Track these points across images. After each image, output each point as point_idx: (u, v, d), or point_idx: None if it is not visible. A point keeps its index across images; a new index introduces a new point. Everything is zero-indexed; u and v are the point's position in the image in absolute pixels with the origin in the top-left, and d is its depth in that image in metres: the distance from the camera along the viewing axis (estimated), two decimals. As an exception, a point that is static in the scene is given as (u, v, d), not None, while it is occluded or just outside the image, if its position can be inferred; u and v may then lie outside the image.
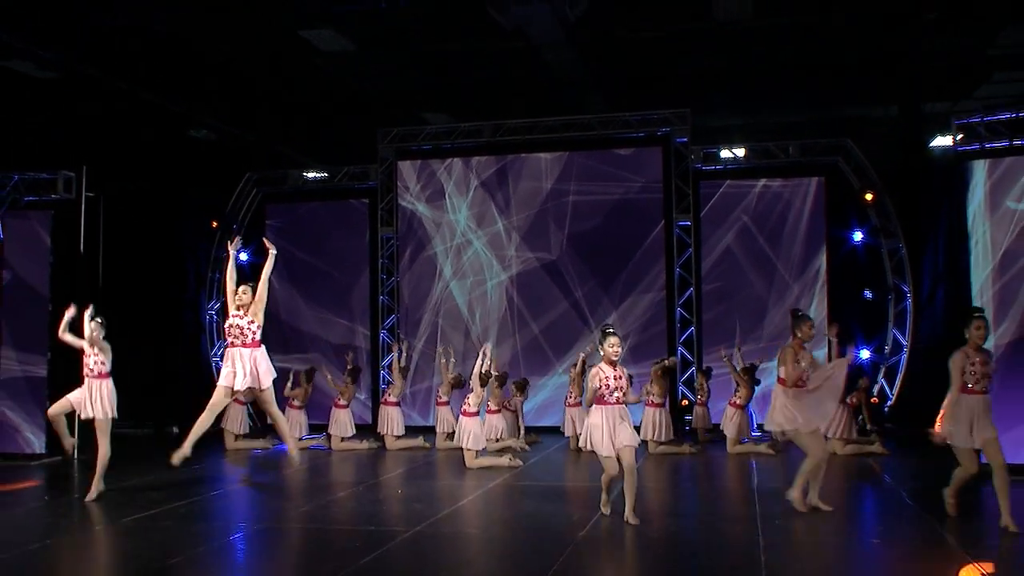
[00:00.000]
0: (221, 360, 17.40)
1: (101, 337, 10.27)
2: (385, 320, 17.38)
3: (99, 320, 10.35)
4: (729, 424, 13.54)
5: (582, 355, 13.90)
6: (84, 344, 10.30)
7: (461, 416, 12.47)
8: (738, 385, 13.64)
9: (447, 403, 14.33)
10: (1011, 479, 8.24)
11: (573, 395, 14.10)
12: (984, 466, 8.55)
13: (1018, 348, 10.99)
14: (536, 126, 16.69)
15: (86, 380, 10.22)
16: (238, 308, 9.70)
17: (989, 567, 6.90)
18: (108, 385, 10.28)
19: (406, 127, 17.27)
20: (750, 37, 14.08)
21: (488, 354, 12.67)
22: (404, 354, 15.18)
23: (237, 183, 17.91)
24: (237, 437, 14.78)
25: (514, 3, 12.54)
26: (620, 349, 8.56)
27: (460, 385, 13.96)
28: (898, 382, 15.20)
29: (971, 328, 8.24)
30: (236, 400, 14.70)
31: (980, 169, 11.45)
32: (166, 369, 17.10)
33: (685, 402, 16.06)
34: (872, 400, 15.28)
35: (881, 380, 15.48)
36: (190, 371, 17.37)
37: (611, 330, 8.70)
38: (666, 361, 13.95)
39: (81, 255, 14.04)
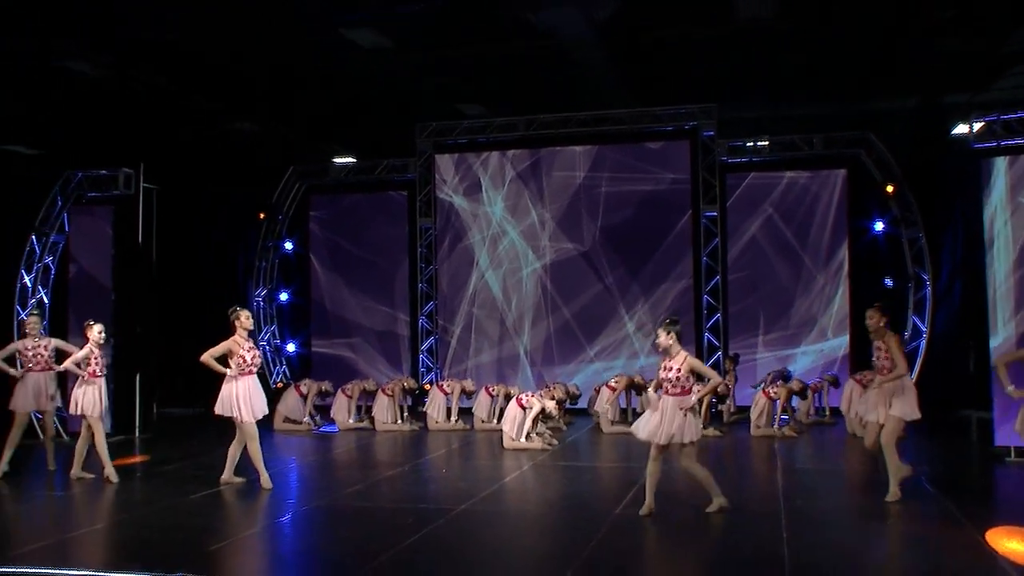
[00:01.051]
0: (268, 346, 17.98)
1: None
2: (424, 307, 17.75)
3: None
4: (754, 409, 13.85)
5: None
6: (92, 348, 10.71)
7: (513, 402, 12.87)
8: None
9: (493, 394, 14.75)
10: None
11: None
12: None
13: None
14: (569, 120, 16.95)
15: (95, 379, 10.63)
16: None
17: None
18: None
19: (443, 121, 17.57)
20: (773, 34, 14.25)
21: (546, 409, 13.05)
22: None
23: (282, 176, 18.32)
24: (286, 419, 15.24)
25: (546, 6, 12.81)
26: (663, 340, 8.42)
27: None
28: (917, 367, 15.36)
29: None
30: (298, 389, 15.30)
31: (1001, 165, 11.60)
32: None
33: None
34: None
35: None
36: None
37: (664, 321, 8.59)
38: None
39: (139, 247, 14.47)
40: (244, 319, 10.19)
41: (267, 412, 10.17)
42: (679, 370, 8.26)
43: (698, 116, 16.48)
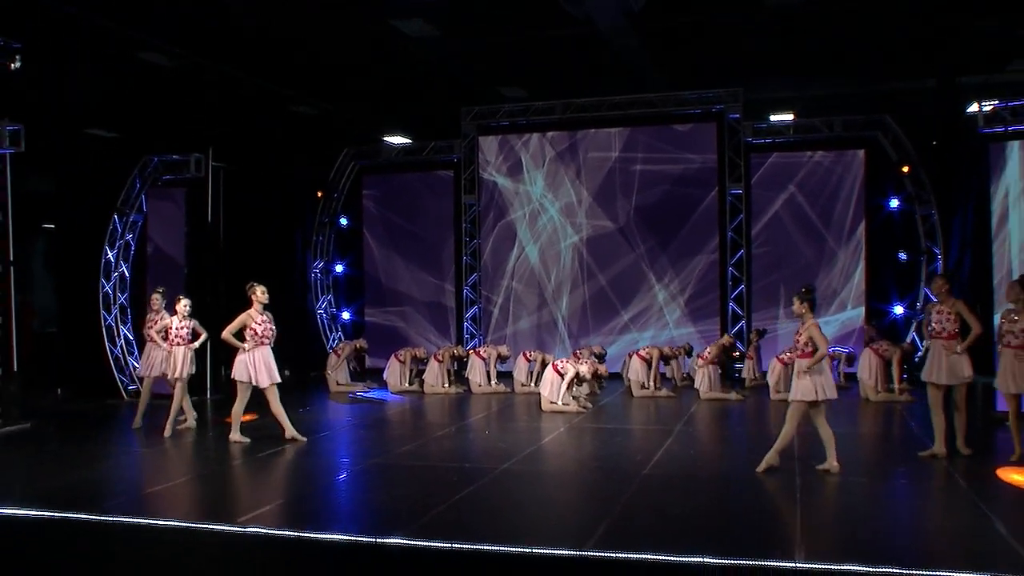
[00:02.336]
0: (324, 314, 18.42)
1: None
2: (468, 278, 18.10)
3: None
4: (771, 375, 14.08)
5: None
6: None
7: (551, 367, 13.22)
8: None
9: (530, 360, 15.09)
10: None
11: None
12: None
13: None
14: (603, 103, 17.12)
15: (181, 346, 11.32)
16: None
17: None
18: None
19: (486, 105, 17.80)
20: (798, 18, 14.30)
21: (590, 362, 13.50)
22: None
23: (337, 157, 18.69)
24: (339, 382, 15.71)
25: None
26: (796, 308, 8.78)
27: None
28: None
29: None
30: (335, 352, 15.72)
31: (1015, 147, 11.64)
32: (278, 320, 17.95)
33: (737, 353, 16.57)
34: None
35: (912, 334, 15.82)
36: (299, 323, 18.28)
37: (799, 291, 8.89)
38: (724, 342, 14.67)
39: (208, 226, 14.93)
40: (260, 294, 10.59)
41: (279, 379, 10.64)
42: (799, 335, 8.69)
43: (724, 99, 16.60)
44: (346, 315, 19.34)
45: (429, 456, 10.13)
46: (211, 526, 7.03)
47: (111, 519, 7.28)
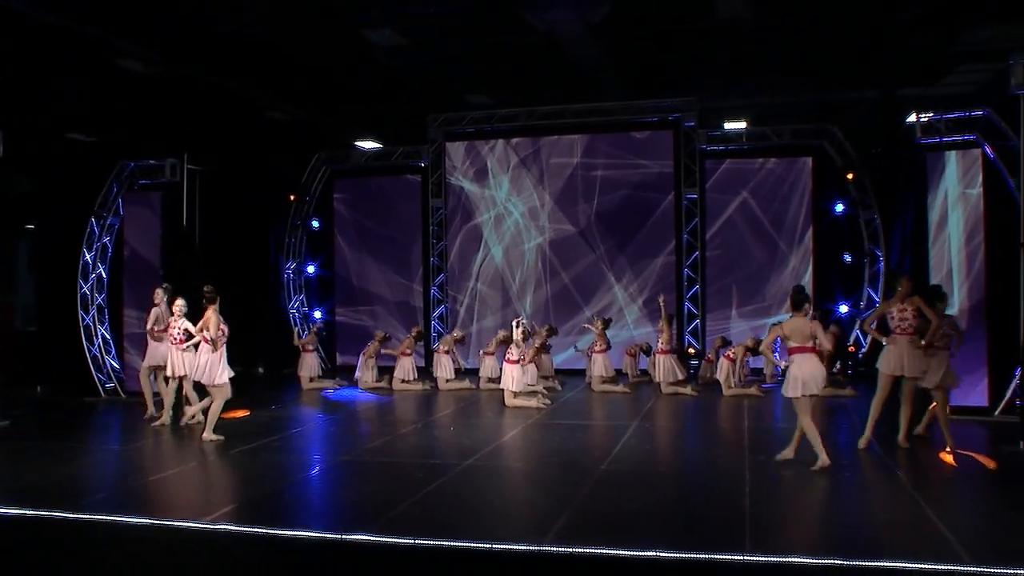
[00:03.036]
0: (297, 313, 18.30)
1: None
2: (435, 278, 18.06)
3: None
4: (721, 372, 14.16)
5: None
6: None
7: (504, 363, 13.24)
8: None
9: (493, 354, 15.06)
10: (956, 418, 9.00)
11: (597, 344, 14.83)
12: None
13: (977, 309, 11.50)
14: (564, 112, 17.14)
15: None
16: None
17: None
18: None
19: (452, 112, 17.75)
20: (748, 32, 14.40)
21: (522, 324, 13.49)
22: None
23: (309, 162, 18.57)
24: (312, 379, 15.61)
25: (545, 8, 12.99)
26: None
27: (508, 342, 14.62)
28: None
29: None
30: (306, 349, 15.62)
31: (952, 157, 11.80)
32: (252, 320, 17.81)
33: (692, 350, 16.69)
34: (850, 348, 15.92)
35: (856, 332, 16.00)
36: (272, 321, 18.18)
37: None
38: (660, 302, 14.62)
39: (184, 229, 14.77)
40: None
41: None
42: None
43: (680, 108, 16.68)
44: (317, 314, 19.20)
45: (395, 452, 10.10)
46: (182, 523, 6.97)
47: (86, 516, 7.20)
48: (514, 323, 13.64)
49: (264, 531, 6.79)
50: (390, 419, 12.75)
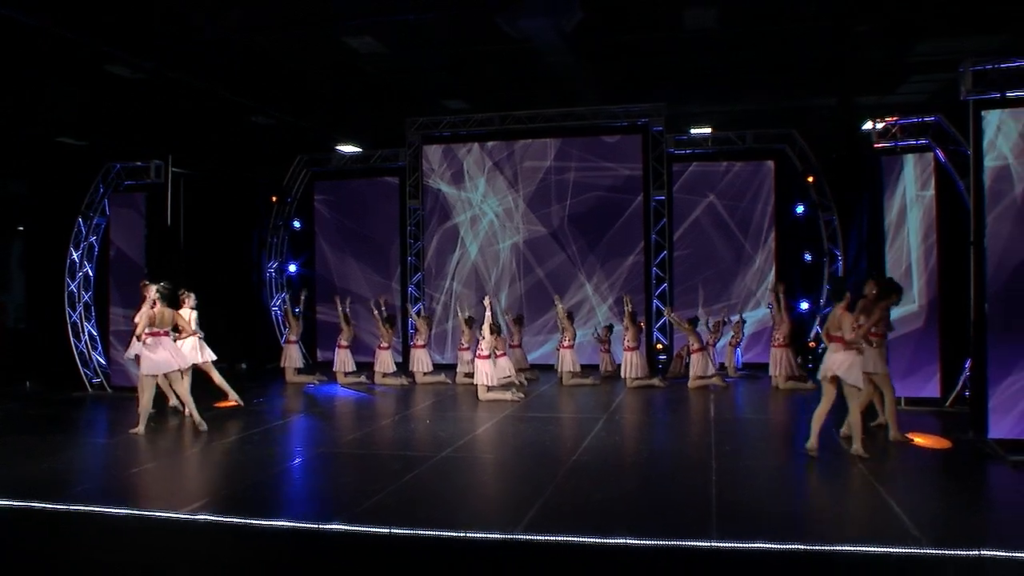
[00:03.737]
0: (279, 310, 18.11)
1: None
2: (412, 277, 17.93)
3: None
4: (696, 367, 14.13)
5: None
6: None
7: (476, 358, 13.14)
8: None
9: (467, 348, 14.95)
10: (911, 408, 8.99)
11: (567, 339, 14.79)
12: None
13: (932, 306, 11.55)
14: (538, 116, 17.05)
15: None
16: None
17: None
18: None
19: (429, 117, 17.63)
20: (714, 42, 14.44)
21: (490, 305, 13.38)
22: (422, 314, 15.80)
23: (291, 164, 18.38)
24: (297, 370, 15.48)
25: (520, 16, 12.92)
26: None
27: (470, 325, 14.56)
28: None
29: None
30: (290, 340, 15.49)
31: (910, 159, 11.81)
32: (236, 318, 17.64)
33: (660, 346, 16.66)
34: (810, 344, 15.95)
35: (816, 327, 16.03)
36: (255, 319, 18.00)
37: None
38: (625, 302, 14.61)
39: (168, 229, 14.56)
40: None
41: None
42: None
43: (649, 113, 16.65)
44: (297, 310, 19.00)
45: (373, 445, 10.01)
46: (162, 514, 6.84)
47: (69, 508, 7.06)
48: (484, 301, 13.56)
49: (241, 521, 6.67)
50: (368, 412, 12.59)
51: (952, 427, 10.03)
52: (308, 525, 6.49)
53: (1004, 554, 5.64)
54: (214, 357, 11.82)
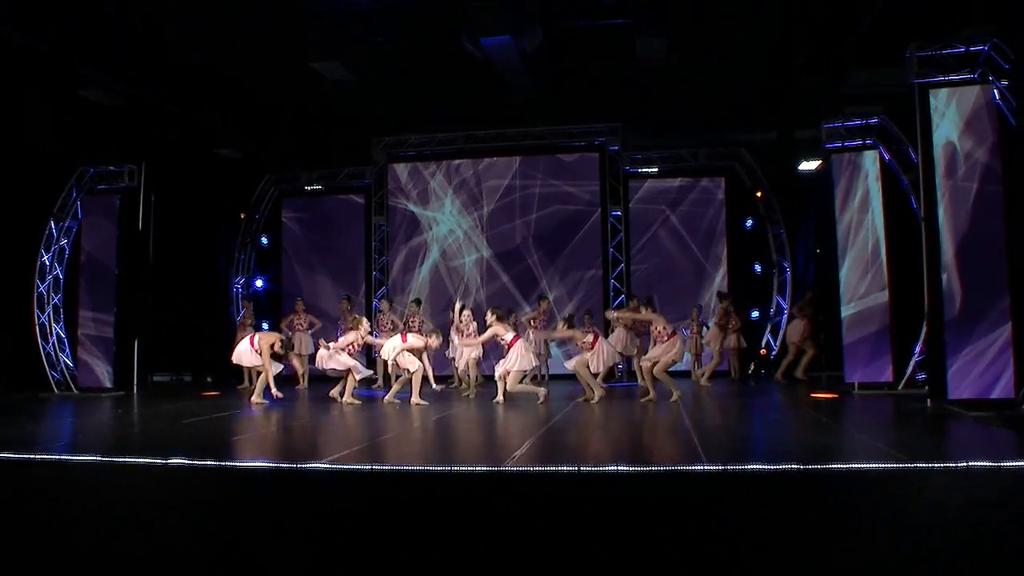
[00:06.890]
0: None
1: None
2: (377, 291, 17.69)
3: None
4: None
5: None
6: None
7: (508, 346, 12.47)
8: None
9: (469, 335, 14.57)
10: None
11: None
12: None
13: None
14: (500, 136, 17.14)
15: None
16: None
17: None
18: None
19: (394, 136, 17.62)
20: (664, 69, 14.77)
21: (458, 310, 13.17)
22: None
23: (259, 181, 18.14)
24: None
25: (484, 32, 13.03)
26: None
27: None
28: (780, 336, 15.84)
29: None
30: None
31: (867, 158, 11.97)
32: (202, 331, 17.20)
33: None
34: (761, 351, 16.01)
35: (767, 335, 16.14)
36: (221, 333, 17.52)
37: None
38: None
39: (139, 233, 14.21)
40: None
41: None
42: None
43: (605, 133, 16.82)
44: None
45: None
46: (135, 460, 6.48)
47: (38, 457, 6.68)
48: (456, 307, 13.32)
49: (216, 463, 6.34)
50: (288, 417, 12.22)
51: (905, 404, 10.08)
52: (287, 465, 6.21)
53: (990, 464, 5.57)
54: None
